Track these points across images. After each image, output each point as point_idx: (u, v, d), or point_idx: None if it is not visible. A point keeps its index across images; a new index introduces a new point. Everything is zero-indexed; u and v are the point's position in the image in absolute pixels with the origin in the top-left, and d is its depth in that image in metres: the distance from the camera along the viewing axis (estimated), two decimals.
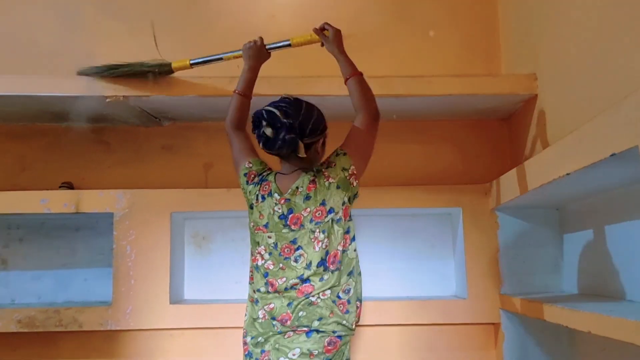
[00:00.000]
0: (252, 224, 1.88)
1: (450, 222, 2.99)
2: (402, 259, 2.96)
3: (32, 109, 2.78)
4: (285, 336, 1.71)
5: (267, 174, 1.89)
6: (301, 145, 1.74)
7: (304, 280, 1.74)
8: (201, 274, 2.99)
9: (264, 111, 1.74)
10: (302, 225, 1.77)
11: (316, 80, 2.60)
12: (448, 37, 3.11)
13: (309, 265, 1.74)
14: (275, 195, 1.82)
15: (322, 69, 2.42)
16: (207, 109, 2.83)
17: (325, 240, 1.74)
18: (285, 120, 1.71)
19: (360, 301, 1.84)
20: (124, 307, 2.68)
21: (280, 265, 1.78)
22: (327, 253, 1.74)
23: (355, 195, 1.83)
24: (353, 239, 1.81)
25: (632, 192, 1.96)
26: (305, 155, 1.79)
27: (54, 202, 2.73)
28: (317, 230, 1.75)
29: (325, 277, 1.73)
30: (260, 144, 1.76)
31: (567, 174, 1.76)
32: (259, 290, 1.81)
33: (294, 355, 1.67)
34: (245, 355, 1.82)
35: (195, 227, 3.02)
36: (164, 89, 2.58)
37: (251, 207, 1.88)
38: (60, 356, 2.84)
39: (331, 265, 1.74)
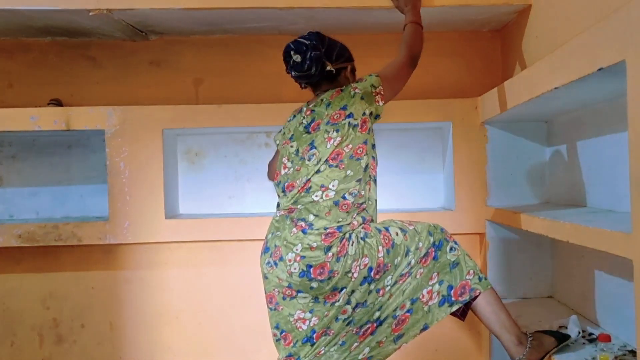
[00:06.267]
0: (278, 141, 2.04)
1: (440, 135, 3.02)
2: (392, 172, 3.01)
3: (14, 23, 2.70)
4: (291, 233, 1.79)
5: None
6: (328, 64, 1.89)
7: (310, 177, 1.82)
8: (195, 190, 3.05)
9: (290, 43, 1.90)
10: (318, 127, 1.85)
11: None
12: None
13: (318, 162, 1.82)
14: (304, 108, 1.95)
15: None
16: (196, 23, 2.75)
17: (338, 138, 1.81)
18: (309, 42, 1.87)
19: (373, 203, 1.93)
20: (121, 222, 2.75)
21: (297, 166, 1.86)
22: (334, 151, 1.81)
23: (377, 116, 1.90)
24: (372, 148, 1.88)
25: (619, 105, 1.97)
26: (336, 80, 1.96)
27: (44, 119, 2.72)
28: (332, 130, 1.82)
29: (325, 170, 1.80)
30: (292, 73, 1.91)
31: (556, 88, 1.77)
32: (278, 205, 1.92)
33: (297, 250, 1.76)
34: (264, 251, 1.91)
35: (188, 143, 3.04)
36: (148, 1, 2.49)
37: (282, 132, 2.03)
38: (62, 269, 2.95)
39: (332, 161, 1.80)
